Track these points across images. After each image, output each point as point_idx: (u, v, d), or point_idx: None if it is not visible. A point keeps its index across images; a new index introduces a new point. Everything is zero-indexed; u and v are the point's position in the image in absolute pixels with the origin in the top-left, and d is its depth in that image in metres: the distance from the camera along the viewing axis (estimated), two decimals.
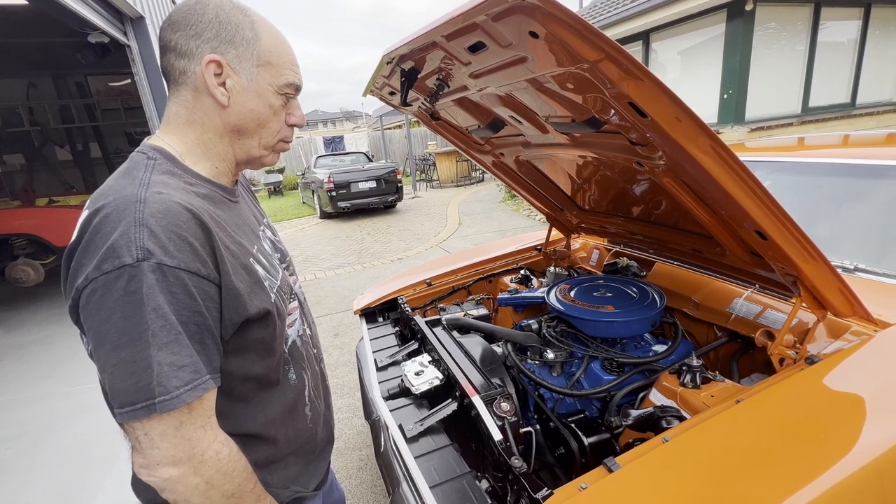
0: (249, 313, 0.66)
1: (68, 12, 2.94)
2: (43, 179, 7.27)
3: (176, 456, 0.60)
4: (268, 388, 0.75)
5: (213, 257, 0.62)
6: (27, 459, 2.42)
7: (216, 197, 0.72)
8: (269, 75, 0.71)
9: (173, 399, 0.57)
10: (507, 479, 0.96)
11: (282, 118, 0.76)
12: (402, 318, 1.84)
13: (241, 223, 0.76)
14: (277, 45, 0.72)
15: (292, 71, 0.74)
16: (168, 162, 0.68)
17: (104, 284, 0.56)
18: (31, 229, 4.89)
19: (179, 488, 0.61)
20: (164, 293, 0.57)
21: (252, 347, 0.70)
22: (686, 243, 1.52)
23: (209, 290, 0.62)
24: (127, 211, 0.57)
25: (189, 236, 0.60)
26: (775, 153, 2.05)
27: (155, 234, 0.57)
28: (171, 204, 0.60)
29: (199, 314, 0.60)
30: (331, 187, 8.68)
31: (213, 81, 0.68)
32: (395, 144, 17.63)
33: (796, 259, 0.99)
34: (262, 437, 0.75)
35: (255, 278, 0.71)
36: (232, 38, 0.68)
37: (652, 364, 1.32)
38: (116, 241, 0.56)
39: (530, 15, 0.69)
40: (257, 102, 0.72)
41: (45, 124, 7.13)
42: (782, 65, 6.12)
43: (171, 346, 0.57)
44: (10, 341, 4.11)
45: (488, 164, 1.86)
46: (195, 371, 0.59)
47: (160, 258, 0.56)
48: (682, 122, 0.80)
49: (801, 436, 0.87)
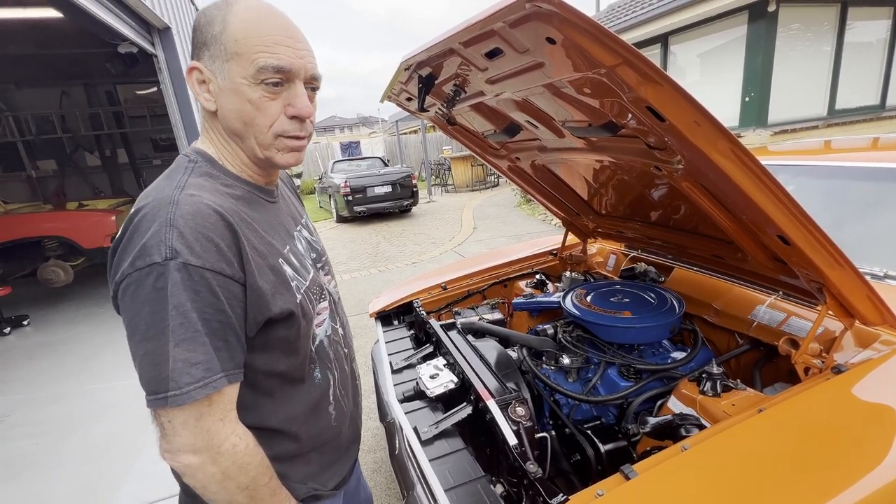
0: (273, 313, 0.68)
1: (101, 24, 3.07)
2: (73, 184, 7.58)
3: (195, 445, 0.62)
4: (292, 384, 0.77)
5: (238, 258, 0.64)
6: (53, 455, 2.51)
7: (251, 198, 0.74)
8: (239, 67, 0.65)
9: (182, 395, 0.59)
10: (523, 483, 0.95)
11: (269, 111, 0.68)
12: (417, 322, 1.85)
13: (275, 224, 0.77)
14: (248, 29, 0.65)
15: (267, 52, 0.65)
16: (208, 164, 0.71)
17: (136, 280, 0.59)
18: (62, 232, 5.08)
19: (198, 475, 0.63)
20: (188, 291, 0.59)
21: (276, 345, 0.72)
22: (706, 248, 1.49)
23: (234, 290, 0.64)
24: (161, 212, 0.61)
25: (216, 237, 0.62)
26: (800, 157, 2.00)
27: (183, 235, 0.59)
28: (201, 206, 0.62)
29: (223, 312, 0.63)
30: (347, 192, 8.79)
31: (197, 89, 0.69)
32: (410, 149, 17.76)
33: (821, 265, 0.97)
34: (284, 432, 0.76)
35: (282, 279, 0.72)
36: (205, 39, 0.66)
37: (670, 371, 1.30)
38: (149, 241, 0.59)
39: (547, 21, 0.69)
40: (235, 100, 0.67)
41: (76, 131, 7.44)
42: (807, 66, 5.96)
43: (186, 343, 0.59)
44: (40, 339, 4.28)
45: (504, 169, 1.86)
46: (208, 369, 0.61)
47: (186, 258, 0.59)
48: (701, 126, 0.79)
49: (828, 447, 0.85)
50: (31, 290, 5.59)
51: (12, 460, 2.48)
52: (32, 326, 4.63)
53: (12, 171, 7.29)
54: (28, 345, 4.17)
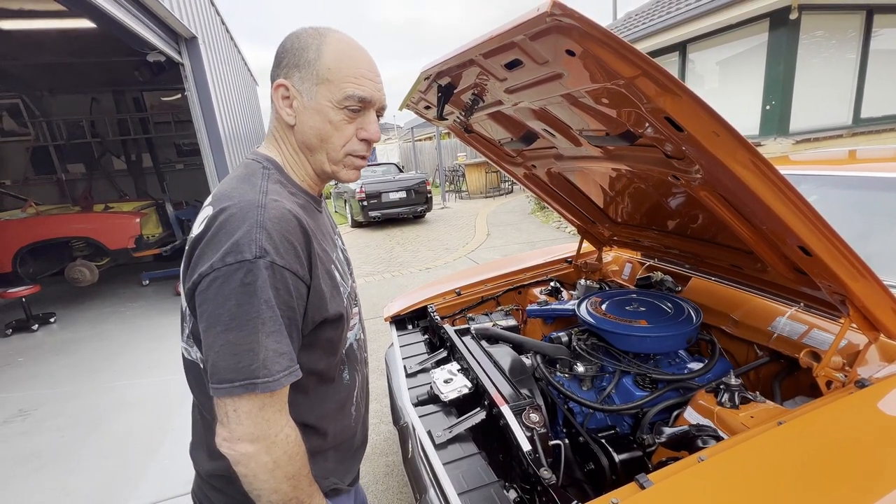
0: (329, 314, 0.74)
1: (132, 34, 3.20)
2: (100, 187, 7.83)
3: (255, 433, 0.66)
4: (326, 383, 0.82)
5: (308, 261, 0.70)
6: (77, 448, 2.59)
7: (309, 207, 0.80)
8: (328, 91, 0.73)
9: (274, 381, 0.64)
10: (536, 490, 0.96)
11: (345, 132, 0.76)
12: (431, 327, 1.86)
13: (325, 232, 0.84)
14: (340, 60, 0.74)
15: (354, 84, 0.74)
16: (278, 172, 0.77)
17: (225, 274, 0.63)
18: (89, 233, 5.25)
19: (252, 464, 0.67)
20: (272, 288, 0.65)
21: (321, 345, 0.77)
22: (724, 258, 1.47)
23: (301, 290, 0.70)
24: (250, 214, 0.66)
25: (294, 241, 0.68)
26: (823, 167, 1.96)
27: (271, 237, 0.65)
28: (284, 211, 0.69)
29: (293, 310, 0.68)
30: (362, 197, 8.90)
31: (281, 103, 0.76)
32: (425, 155, 17.89)
33: (844, 277, 0.95)
34: (316, 428, 0.80)
35: (335, 283, 0.78)
36: (298, 61, 0.74)
37: (687, 382, 1.29)
38: (240, 239, 0.64)
39: (567, 34, 0.71)
40: (317, 119, 0.75)
41: (104, 136, 7.72)
42: (831, 74, 5.83)
43: (275, 335, 0.65)
44: (65, 336, 4.42)
45: (519, 176, 1.88)
46: (291, 359, 0.67)
47: (273, 258, 0.64)
48: (720, 137, 0.80)
49: (850, 463, 0.83)
50: (58, 288, 5.80)
51: (40, 452, 2.57)
52: (59, 324, 4.79)
53: (44, 174, 7.59)
54: (54, 341, 4.32)
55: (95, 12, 2.83)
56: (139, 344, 4.07)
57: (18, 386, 3.42)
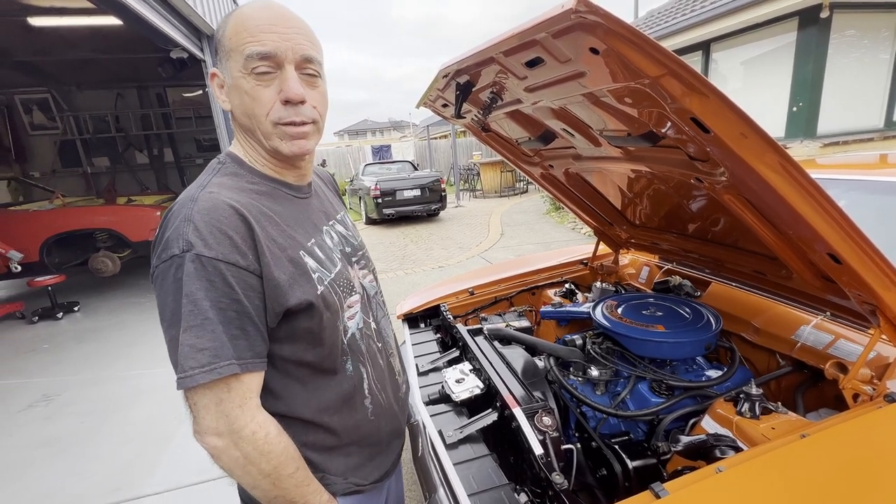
0: (290, 304, 0.70)
1: (155, 31, 3.28)
2: (123, 180, 8.06)
3: (218, 428, 0.66)
4: (323, 375, 0.79)
5: (253, 250, 0.67)
6: (96, 434, 2.66)
7: (276, 193, 0.78)
8: (234, 62, 0.69)
9: (186, 378, 0.62)
10: (547, 494, 0.94)
11: (263, 99, 0.70)
12: (443, 325, 1.86)
13: (300, 218, 0.80)
14: (238, 24, 0.68)
15: (252, 41, 0.67)
16: (235, 164, 0.77)
17: (162, 272, 0.65)
18: (112, 225, 5.41)
19: (223, 458, 0.67)
20: (202, 281, 0.63)
21: (301, 336, 0.74)
22: (747, 264, 1.43)
23: (249, 281, 0.67)
24: (183, 209, 0.66)
25: (229, 230, 0.65)
26: (852, 170, 1.89)
27: (198, 229, 0.64)
28: (217, 201, 0.67)
29: (238, 302, 0.66)
30: (377, 194, 8.94)
31: (216, 92, 0.76)
32: (440, 154, 17.89)
33: (875, 286, 0.91)
34: (318, 423, 0.78)
35: (302, 270, 0.74)
36: (217, 46, 0.73)
37: (705, 389, 1.26)
38: (171, 235, 0.65)
39: (591, 32, 0.69)
40: (236, 95, 0.71)
41: (128, 131, 7.94)
42: (862, 74, 5.62)
43: (194, 329, 0.63)
44: (88, 325, 4.56)
45: (536, 176, 1.86)
46: (215, 355, 0.63)
47: (199, 250, 0.63)
48: (748, 138, 0.77)
49: (877, 481, 0.80)
50: (82, 278, 5.98)
51: (61, 437, 2.65)
52: (82, 312, 4.94)
53: (71, 167, 7.83)
54: (78, 329, 4.45)
55: (122, 9, 2.90)
56: (157, 334, 4.11)
57: (44, 371, 3.54)
